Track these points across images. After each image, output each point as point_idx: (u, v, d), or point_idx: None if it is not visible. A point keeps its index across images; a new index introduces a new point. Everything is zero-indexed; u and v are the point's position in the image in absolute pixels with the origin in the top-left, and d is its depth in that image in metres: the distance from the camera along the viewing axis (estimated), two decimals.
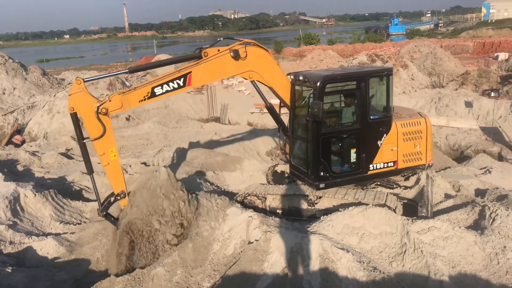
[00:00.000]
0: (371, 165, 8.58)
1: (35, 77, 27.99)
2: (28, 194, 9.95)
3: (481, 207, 8.05)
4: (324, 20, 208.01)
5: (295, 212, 8.84)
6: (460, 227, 7.32)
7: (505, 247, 6.82)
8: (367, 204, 7.72)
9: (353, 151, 8.49)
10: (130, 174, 11.99)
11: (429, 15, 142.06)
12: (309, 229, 7.29)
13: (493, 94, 20.17)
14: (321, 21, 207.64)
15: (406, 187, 9.15)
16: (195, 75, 7.82)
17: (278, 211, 9.00)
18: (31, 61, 56.42)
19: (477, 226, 7.61)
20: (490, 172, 11.46)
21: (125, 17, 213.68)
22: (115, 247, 7.70)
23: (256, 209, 8.72)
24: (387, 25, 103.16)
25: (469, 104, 18.38)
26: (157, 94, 7.74)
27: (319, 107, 7.72)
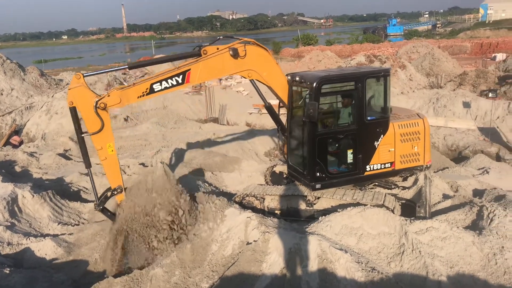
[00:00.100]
0: (368, 166, 8.57)
1: (33, 78, 27.94)
2: (26, 195, 9.93)
3: (479, 208, 8.06)
4: (322, 21, 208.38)
5: (293, 212, 8.84)
6: (458, 227, 7.33)
7: (503, 247, 6.83)
8: (365, 205, 7.73)
9: (349, 151, 8.49)
10: (128, 175, 11.97)
11: (427, 15, 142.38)
12: (307, 229, 7.29)
13: (490, 95, 20.21)
14: (319, 22, 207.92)
15: (404, 188, 9.17)
16: (194, 72, 7.88)
17: (277, 211, 9.00)
18: (29, 61, 56.35)
19: (475, 227, 7.62)
20: (488, 172, 11.48)
21: (123, 17, 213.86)
22: (111, 242, 7.71)
23: (255, 209, 8.72)
24: (385, 25, 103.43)
25: (467, 105, 18.43)
26: (155, 90, 7.77)
27: (315, 108, 7.74)
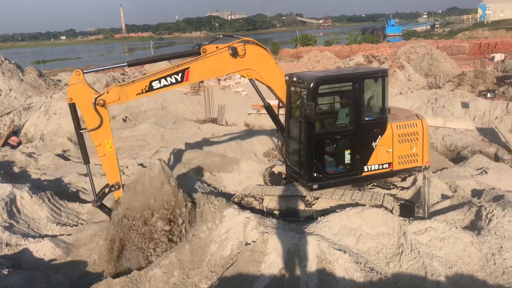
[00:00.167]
0: (365, 166, 8.58)
1: (32, 78, 27.92)
2: (24, 195, 9.91)
3: (477, 208, 8.07)
4: (321, 21, 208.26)
5: (292, 213, 8.84)
6: (456, 227, 7.34)
7: (501, 247, 6.84)
8: (364, 205, 7.74)
9: (347, 152, 8.50)
10: (127, 176, 11.96)
11: (425, 16, 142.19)
12: (306, 230, 7.30)
13: (489, 95, 20.23)
14: (318, 22, 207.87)
15: (403, 188, 9.18)
16: (193, 70, 7.91)
17: (275, 212, 9.00)
18: (27, 62, 56.17)
19: (474, 227, 7.63)
20: (486, 172, 11.49)
21: (121, 18, 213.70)
22: (108, 238, 7.71)
23: (253, 210, 8.73)
24: (384, 26, 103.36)
25: (465, 105, 18.44)
26: (154, 88, 7.81)
27: (312, 108, 7.75)
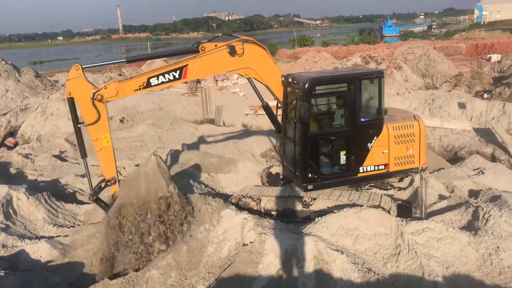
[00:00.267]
0: (361, 167, 8.57)
1: (28, 79, 27.81)
2: (21, 197, 9.87)
3: (474, 208, 8.09)
4: (318, 22, 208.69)
5: (289, 213, 8.84)
6: (454, 228, 7.36)
7: (498, 247, 6.86)
8: (361, 206, 7.75)
9: (342, 153, 8.50)
10: (124, 177, 11.91)
11: (422, 17, 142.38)
12: (303, 230, 7.30)
13: (486, 96, 20.29)
14: (315, 23, 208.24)
15: (400, 189, 9.19)
16: (191, 68, 7.96)
17: (273, 212, 9.00)
18: (24, 63, 56.05)
19: (471, 227, 7.65)
20: (483, 173, 11.51)
21: (119, 18, 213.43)
22: (104, 233, 7.72)
23: (251, 211, 8.72)
24: (381, 26, 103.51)
25: (462, 106, 18.48)
26: (152, 84, 7.87)
27: (306, 109, 7.77)
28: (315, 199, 8.62)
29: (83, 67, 7.60)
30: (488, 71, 26.86)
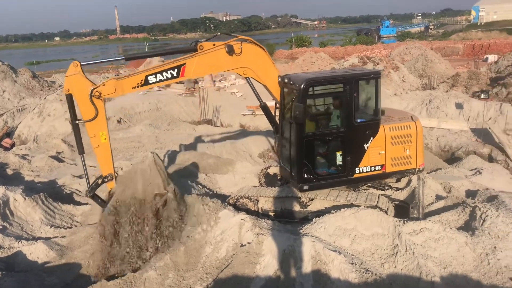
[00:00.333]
0: (357, 168, 8.56)
1: (25, 80, 27.77)
2: (17, 198, 9.84)
3: (471, 208, 8.10)
4: (315, 23, 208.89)
5: (287, 214, 8.84)
6: (451, 228, 7.37)
7: (495, 247, 6.88)
8: (359, 206, 7.75)
9: (338, 154, 8.49)
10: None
11: (419, 17, 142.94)
12: (301, 231, 7.30)
13: (483, 96, 20.32)
14: (312, 24, 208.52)
15: (397, 189, 9.20)
16: (189, 66, 7.96)
17: (271, 213, 9.00)
18: (21, 63, 55.86)
19: (468, 227, 7.66)
20: (480, 173, 11.54)
21: (116, 19, 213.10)
22: (101, 229, 7.71)
23: (249, 211, 8.72)
24: (378, 27, 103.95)
25: (459, 106, 18.53)
26: (150, 82, 7.88)
27: (301, 109, 7.77)
28: (312, 199, 8.62)
29: (81, 64, 7.61)
30: (485, 71, 26.97)
